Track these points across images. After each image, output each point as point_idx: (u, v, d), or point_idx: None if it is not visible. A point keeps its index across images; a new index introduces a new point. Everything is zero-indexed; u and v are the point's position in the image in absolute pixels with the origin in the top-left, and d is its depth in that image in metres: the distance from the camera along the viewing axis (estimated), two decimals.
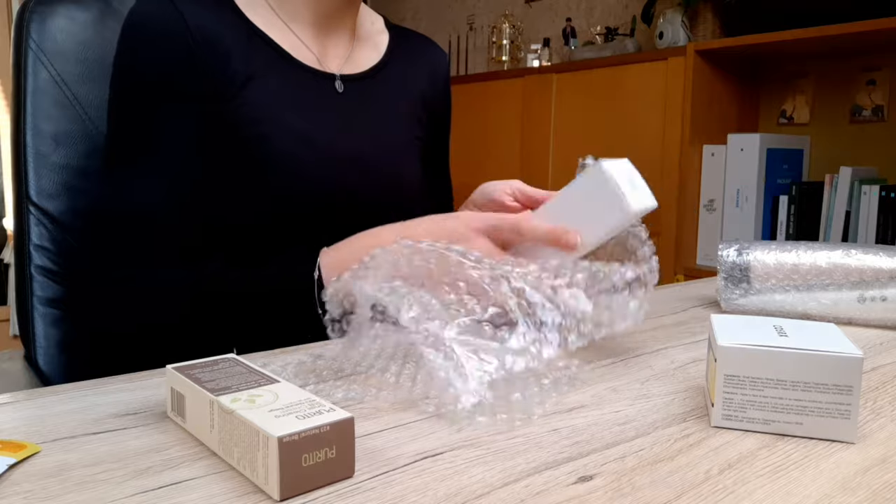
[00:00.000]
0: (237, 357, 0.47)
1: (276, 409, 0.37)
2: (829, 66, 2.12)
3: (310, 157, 0.73)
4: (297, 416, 0.36)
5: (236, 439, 0.37)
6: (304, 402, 0.38)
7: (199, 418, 0.41)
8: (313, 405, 0.38)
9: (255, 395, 0.39)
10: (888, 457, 0.41)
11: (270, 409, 0.37)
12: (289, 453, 0.34)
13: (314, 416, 0.36)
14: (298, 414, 0.37)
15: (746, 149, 2.03)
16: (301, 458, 0.35)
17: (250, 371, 0.44)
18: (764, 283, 0.73)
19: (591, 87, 2.33)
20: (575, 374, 0.54)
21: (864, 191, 1.88)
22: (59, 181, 0.83)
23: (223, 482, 0.37)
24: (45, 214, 0.83)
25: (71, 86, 0.84)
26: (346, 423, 0.36)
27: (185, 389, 0.42)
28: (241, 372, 0.44)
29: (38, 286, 0.83)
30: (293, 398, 0.39)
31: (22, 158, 0.82)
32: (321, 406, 0.38)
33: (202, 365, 0.45)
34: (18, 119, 0.82)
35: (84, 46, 0.85)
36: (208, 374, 0.43)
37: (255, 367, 0.45)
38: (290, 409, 0.37)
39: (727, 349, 0.44)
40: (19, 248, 0.83)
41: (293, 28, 0.78)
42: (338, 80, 0.79)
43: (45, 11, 0.84)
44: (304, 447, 0.35)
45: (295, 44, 0.78)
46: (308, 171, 0.72)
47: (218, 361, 0.46)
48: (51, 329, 0.83)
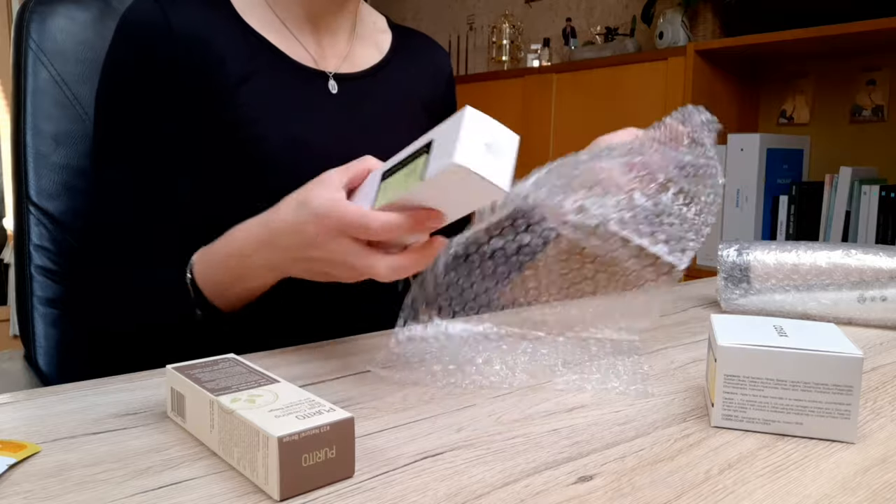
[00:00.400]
0: (237, 357, 0.47)
1: (276, 409, 0.37)
2: (829, 66, 2.12)
3: (304, 158, 0.73)
4: (297, 416, 0.36)
5: (236, 439, 0.37)
6: (304, 401, 0.38)
7: (199, 418, 0.41)
8: (313, 405, 0.38)
9: (256, 395, 0.40)
10: (888, 457, 0.41)
11: (270, 409, 0.37)
12: (289, 453, 0.34)
13: (314, 416, 0.36)
14: (298, 414, 0.37)
15: (746, 149, 2.03)
16: (301, 458, 0.35)
17: (250, 371, 0.44)
18: (764, 283, 0.73)
19: (591, 87, 2.33)
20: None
21: (864, 191, 1.88)
22: (60, 181, 0.83)
23: (223, 482, 0.37)
24: (46, 214, 0.83)
25: (71, 86, 0.84)
26: (346, 423, 0.36)
27: (185, 389, 0.42)
28: (241, 372, 0.44)
29: (38, 286, 0.83)
30: (293, 398, 0.39)
31: (22, 158, 0.82)
32: (321, 406, 0.38)
33: (202, 365, 0.45)
34: (18, 119, 0.82)
35: (84, 46, 0.85)
36: (208, 374, 0.43)
37: (255, 368, 0.45)
38: (290, 409, 0.37)
39: (727, 349, 0.44)
40: (19, 248, 0.83)
41: (290, 27, 0.78)
42: (331, 80, 0.78)
43: (45, 11, 0.84)
44: (304, 447, 0.35)
45: (291, 43, 0.77)
46: (303, 173, 0.73)
47: (218, 361, 0.46)
48: (51, 329, 0.83)
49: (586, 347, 0.62)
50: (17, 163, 0.83)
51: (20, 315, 0.84)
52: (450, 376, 0.53)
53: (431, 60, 0.92)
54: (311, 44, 0.79)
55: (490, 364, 0.56)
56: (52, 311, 0.83)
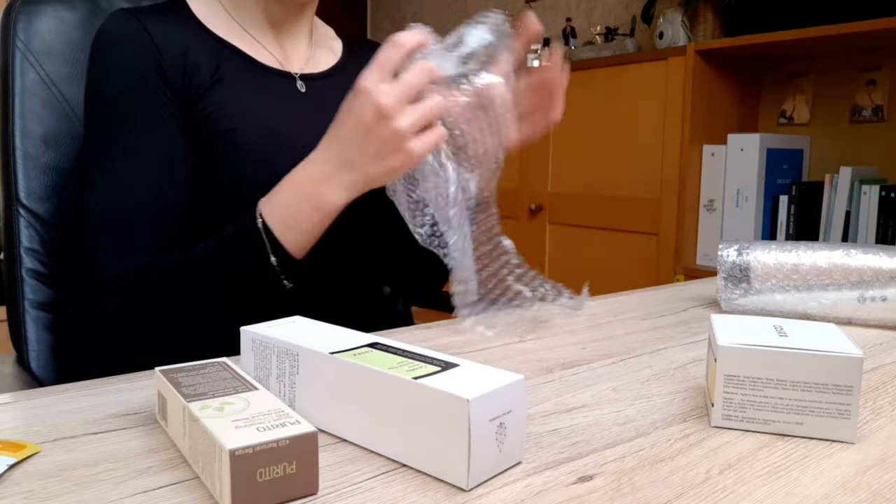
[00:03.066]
0: (227, 361, 0.45)
1: (240, 420, 0.36)
2: (829, 66, 2.12)
3: (278, 147, 0.75)
4: (258, 428, 0.34)
5: (201, 448, 0.36)
6: (273, 412, 0.37)
7: (176, 424, 0.40)
8: (280, 416, 0.36)
9: (227, 403, 0.38)
10: (888, 457, 0.41)
11: (234, 419, 0.36)
12: (241, 467, 0.33)
13: (276, 429, 0.34)
14: (262, 425, 0.35)
15: (746, 149, 2.03)
16: (256, 473, 0.33)
17: (235, 377, 0.42)
18: (764, 283, 0.73)
19: (591, 87, 2.33)
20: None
21: (864, 191, 1.88)
22: (49, 183, 0.83)
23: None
24: (36, 217, 0.82)
25: (60, 86, 0.84)
26: (308, 437, 0.34)
27: (167, 393, 0.41)
28: (226, 377, 0.42)
29: (30, 289, 0.82)
30: (264, 408, 0.37)
31: (10, 160, 0.81)
32: (288, 418, 0.36)
33: (189, 368, 0.44)
34: (6, 120, 0.82)
35: (73, 47, 0.85)
36: (191, 379, 0.42)
37: (241, 373, 0.43)
38: (254, 419, 0.36)
39: (727, 349, 0.44)
40: (9, 251, 0.82)
41: (253, 33, 0.81)
42: (299, 80, 0.82)
43: (33, 11, 0.83)
44: (259, 461, 0.33)
45: (257, 48, 0.81)
46: (278, 161, 0.74)
47: (206, 365, 0.44)
48: (43, 333, 0.82)
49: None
50: (5, 165, 0.82)
51: (11, 319, 0.83)
52: None
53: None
54: (275, 48, 0.82)
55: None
56: (45, 315, 0.83)
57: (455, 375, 0.38)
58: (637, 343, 0.65)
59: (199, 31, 0.77)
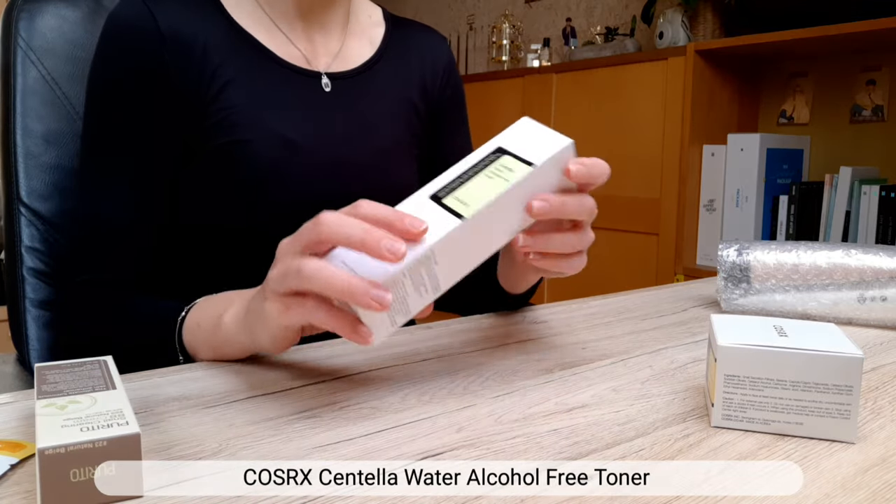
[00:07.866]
0: (109, 362, 0.44)
1: (72, 419, 0.35)
2: (829, 66, 2.12)
3: (293, 162, 0.71)
4: (82, 428, 0.33)
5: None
6: (111, 413, 0.35)
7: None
8: (114, 417, 0.35)
9: (74, 402, 0.37)
10: (888, 457, 0.41)
11: (67, 418, 0.35)
12: (51, 467, 0.32)
13: (100, 430, 0.33)
14: (89, 425, 0.34)
15: (746, 149, 2.03)
16: (69, 474, 0.32)
17: (103, 376, 0.41)
18: (764, 283, 0.73)
19: (591, 87, 2.34)
20: None
21: (864, 191, 1.88)
22: (51, 181, 0.82)
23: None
24: (37, 215, 0.82)
25: (62, 85, 0.83)
26: (129, 439, 0.33)
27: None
28: (95, 376, 0.41)
29: (31, 288, 0.82)
30: (104, 408, 0.36)
31: (12, 159, 0.81)
32: (121, 419, 0.35)
33: (69, 365, 0.42)
34: (7, 119, 0.81)
35: (74, 45, 0.84)
36: (62, 376, 0.41)
37: (112, 373, 0.42)
38: (87, 419, 0.34)
39: (727, 349, 0.44)
40: (10, 249, 0.82)
41: (280, 25, 0.76)
42: (324, 78, 0.77)
43: (34, 10, 0.83)
44: (72, 462, 0.32)
45: (282, 42, 0.76)
46: (292, 177, 0.71)
47: (85, 364, 0.43)
48: (44, 332, 0.82)
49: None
50: (6, 163, 0.82)
51: (12, 318, 0.83)
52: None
53: (426, 49, 0.89)
54: (303, 41, 0.77)
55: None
56: (45, 314, 0.82)
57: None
58: (637, 343, 0.65)
59: (219, 20, 0.73)
